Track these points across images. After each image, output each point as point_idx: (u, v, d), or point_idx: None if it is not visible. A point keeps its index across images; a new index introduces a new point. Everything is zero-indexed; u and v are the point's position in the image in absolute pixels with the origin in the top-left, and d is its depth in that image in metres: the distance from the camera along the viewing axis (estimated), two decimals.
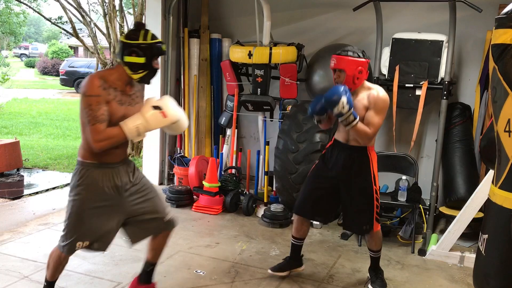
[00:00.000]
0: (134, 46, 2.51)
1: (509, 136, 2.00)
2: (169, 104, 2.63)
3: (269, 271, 3.55)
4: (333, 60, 3.09)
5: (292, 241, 3.58)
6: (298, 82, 5.09)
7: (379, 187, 4.87)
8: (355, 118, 2.98)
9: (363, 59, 3.09)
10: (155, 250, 2.96)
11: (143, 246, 2.97)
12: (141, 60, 2.52)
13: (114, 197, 2.66)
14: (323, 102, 3.01)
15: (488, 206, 2.20)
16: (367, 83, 3.19)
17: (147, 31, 2.56)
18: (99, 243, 2.72)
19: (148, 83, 2.66)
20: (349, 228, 3.63)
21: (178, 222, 3.02)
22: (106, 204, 2.65)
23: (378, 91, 3.12)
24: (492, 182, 2.14)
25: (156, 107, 2.57)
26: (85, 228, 2.65)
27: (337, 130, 3.35)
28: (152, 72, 2.61)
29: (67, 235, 2.67)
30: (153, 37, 2.57)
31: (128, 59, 2.53)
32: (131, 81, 2.62)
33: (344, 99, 2.89)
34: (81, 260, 3.70)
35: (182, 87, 5.92)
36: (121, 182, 2.68)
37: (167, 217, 2.88)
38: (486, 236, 2.13)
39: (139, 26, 2.60)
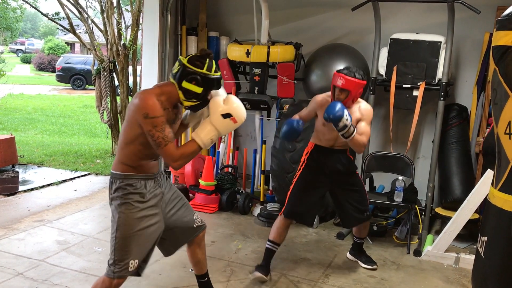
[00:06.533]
0: (197, 74, 2.41)
1: (510, 138, 2.00)
2: (237, 106, 2.50)
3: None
4: (341, 79, 3.20)
5: (271, 247, 3.52)
6: (295, 81, 5.08)
7: (375, 187, 4.94)
8: (354, 130, 3.15)
9: (365, 81, 3.28)
10: (197, 263, 2.94)
11: None
12: (199, 90, 2.43)
13: (158, 206, 2.58)
14: (327, 117, 3.10)
15: (488, 208, 2.20)
16: None
17: (212, 61, 2.48)
18: (145, 263, 2.61)
19: (195, 112, 2.60)
20: (351, 221, 3.63)
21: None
22: (152, 213, 2.53)
23: (366, 104, 3.42)
24: (492, 184, 2.14)
25: (226, 115, 2.46)
26: (138, 244, 2.50)
27: (315, 136, 3.55)
28: (204, 104, 2.52)
29: (118, 255, 2.48)
30: (216, 69, 2.48)
31: (186, 85, 2.43)
32: (179, 103, 2.53)
33: (346, 112, 3.08)
34: (76, 258, 3.69)
35: None
36: (162, 192, 2.63)
37: (196, 223, 2.82)
38: (485, 238, 2.13)
39: (206, 54, 2.48)
